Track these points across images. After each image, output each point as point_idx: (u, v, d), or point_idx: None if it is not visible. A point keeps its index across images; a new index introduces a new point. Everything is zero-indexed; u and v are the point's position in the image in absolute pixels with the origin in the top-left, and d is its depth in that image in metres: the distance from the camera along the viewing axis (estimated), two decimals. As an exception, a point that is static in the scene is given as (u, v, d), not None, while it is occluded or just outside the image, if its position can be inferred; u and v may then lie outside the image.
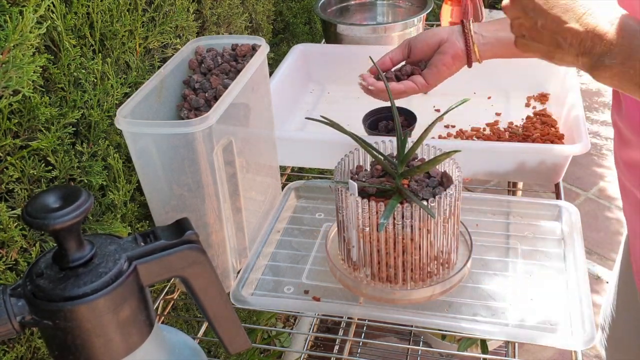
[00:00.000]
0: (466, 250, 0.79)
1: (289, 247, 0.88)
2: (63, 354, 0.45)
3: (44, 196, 0.43)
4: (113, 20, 0.83)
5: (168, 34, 0.95)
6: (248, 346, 0.54)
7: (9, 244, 0.69)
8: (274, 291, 0.80)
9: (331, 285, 0.80)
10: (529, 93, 1.22)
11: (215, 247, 0.77)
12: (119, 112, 0.69)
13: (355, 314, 0.79)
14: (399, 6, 1.54)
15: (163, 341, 0.51)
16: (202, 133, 0.68)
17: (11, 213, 0.67)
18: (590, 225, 0.94)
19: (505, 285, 0.78)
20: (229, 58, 0.83)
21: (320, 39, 1.59)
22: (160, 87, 0.78)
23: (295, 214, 0.95)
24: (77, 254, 0.44)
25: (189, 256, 0.47)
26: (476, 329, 0.72)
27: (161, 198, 0.74)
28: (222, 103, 0.71)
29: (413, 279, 0.74)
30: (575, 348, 0.70)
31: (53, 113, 0.71)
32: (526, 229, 0.87)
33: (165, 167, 0.71)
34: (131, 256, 0.45)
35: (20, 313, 0.43)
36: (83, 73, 0.78)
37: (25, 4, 0.65)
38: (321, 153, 1.03)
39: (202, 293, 0.50)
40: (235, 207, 0.80)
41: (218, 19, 1.18)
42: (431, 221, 0.70)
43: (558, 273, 0.79)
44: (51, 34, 0.73)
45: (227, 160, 0.76)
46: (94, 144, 0.81)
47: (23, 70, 0.64)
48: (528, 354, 1.82)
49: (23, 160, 0.70)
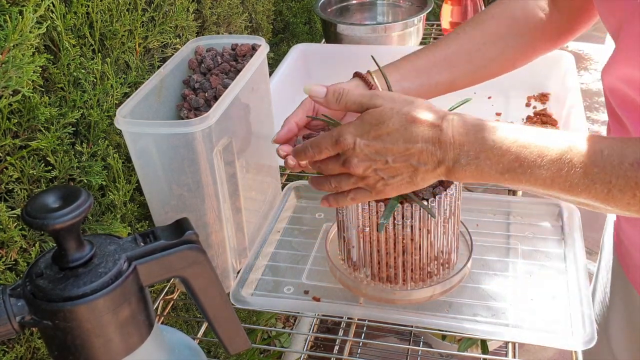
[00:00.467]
0: (466, 251, 0.79)
1: (289, 247, 0.88)
2: (63, 354, 0.45)
3: (43, 196, 0.43)
4: (113, 20, 0.83)
5: (168, 33, 0.95)
6: (248, 346, 0.54)
7: (8, 244, 0.69)
8: (274, 291, 0.80)
9: (331, 285, 0.80)
10: (529, 93, 1.22)
11: (215, 247, 0.77)
12: (118, 112, 0.69)
13: (355, 314, 0.79)
14: (399, 6, 1.54)
15: (163, 341, 0.51)
16: (202, 133, 0.68)
17: (11, 213, 0.67)
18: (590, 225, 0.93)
19: (505, 286, 0.78)
20: (228, 58, 0.83)
21: (320, 38, 1.59)
22: (160, 87, 0.78)
23: (295, 214, 0.95)
24: (77, 254, 0.44)
25: (188, 256, 0.47)
26: (476, 329, 0.72)
27: (161, 198, 0.74)
28: (222, 103, 0.71)
29: (413, 279, 0.74)
30: (575, 348, 0.70)
31: (53, 113, 0.71)
32: (526, 229, 0.87)
33: (165, 167, 0.71)
34: (131, 256, 0.45)
35: (20, 313, 0.43)
36: (83, 73, 0.77)
37: (25, 4, 0.65)
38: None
39: (202, 293, 0.50)
40: (235, 207, 0.80)
41: (218, 18, 1.18)
42: (431, 221, 0.70)
43: (558, 273, 0.79)
44: (51, 33, 0.73)
45: (227, 160, 0.75)
46: (94, 144, 0.81)
47: (23, 70, 0.64)
48: (528, 354, 1.82)
49: (23, 160, 0.70)
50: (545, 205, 0.90)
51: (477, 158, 0.57)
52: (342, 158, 0.62)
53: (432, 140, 0.58)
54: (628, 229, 0.80)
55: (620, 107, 0.70)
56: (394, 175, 0.61)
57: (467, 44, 0.79)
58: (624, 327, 0.87)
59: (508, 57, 0.81)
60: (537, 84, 1.22)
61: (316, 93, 0.65)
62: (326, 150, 0.63)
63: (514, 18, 0.79)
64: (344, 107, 0.64)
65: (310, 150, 0.64)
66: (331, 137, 0.62)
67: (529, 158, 0.56)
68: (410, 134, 0.58)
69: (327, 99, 0.64)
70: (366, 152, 0.60)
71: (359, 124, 0.61)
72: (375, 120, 0.60)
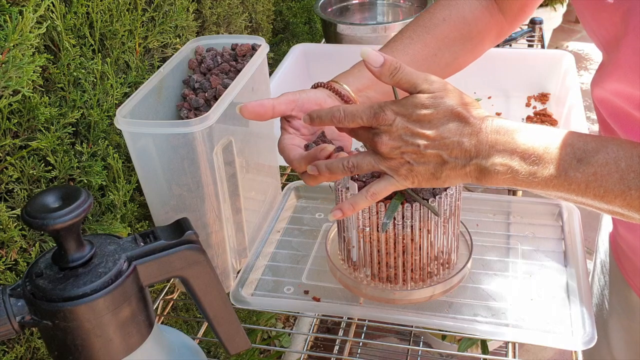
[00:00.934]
0: (466, 251, 0.79)
1: (289, 247, 0.88)
2: (63, 354, 0.45)
3: (43, 196, 0.43)
4: (113, 20, 0.83)
5: (168, 33, 0.95)
6: (248, 346, 0.54)
7: (8, 244, 0.69)
8: (274, 291, 0.80)
9: (331, 285, 0.80)
10: (529, 93, 1.22)
11: (215, 247, 0.77)
12: (118, 112, 0.69)
13: (355, 314, 0.79)
14: (399, 6, 1.54)
15: (163, 341, 0.51)
16: (202, 133, 0.68)
17: (11, 213, 0.67)
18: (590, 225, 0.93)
19: (505, 286, 0.78)
20: (228, 58, 0.83)
21: (320, 38, 1.59)
22: (160, 87, 0.78)
23: (295, 214, 0.95)
24: (77, 254, 0.44)
25: (188, 256, 0.47)
26: (476, 329, 0.72)
27: (161, 198, 0.74)
28: (222, 103, 0.71)
29: (413, 279, 0.74)
30: (575, 348, 0.70)
31: (53, 113, 0.71)
32: (526, 229, 0.87)
33: (165, 167, 0.71)
34: (131, 256, 0.45)
35: (20, 313, 0.43)
36: (83, 73, 0.77)
37: (25, 4, 0.65)
38: (321, 153, 1.02)
39: (202, 293, 0.50)
40: (235, 207, 0.80)
41: (218, 18, 1.18)
42: (431, 221, 0.70)
43: (558, 273, 0.79)
44: (51, 33, 0.73)
45: (227, 160, 0.75)
46: (94, 144, 0.81)
47: (23, 70, 0.64)
48: (528, 354, 1.82)
49: (23, 160, 0.70)
50: (545, 205, 0.90)
51: (511, 160, 0.56)
52: (374, 132, 0.59)
53: (468, 137, 0.56)
54: (625, 233, 0.79)
55: (611, 118, 0.70)
56: (420, 162, 0.58)
57: (423, 51, 0.77)
58: (623, 327, 0.87)
59: (460, 62, 0.81)
60: (537, 84, 1.22)
61: (372, 60, 0.59)
62: (360, 120, 0.59)
63: (464, 21, 0.79)
64: (396, 82, 0.59)
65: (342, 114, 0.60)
66: (371, 108, 0.59)
67: (565, 160, 0.55)
68: (450, 126, 0.57)
69: (381, 70, 0.59)
70: (401, 133, 0.57)
71: (404, 104, 0.58)
72: (421, 104, 0.57)
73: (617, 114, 0.68)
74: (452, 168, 0.58)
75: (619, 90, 0.65)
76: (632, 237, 0.77)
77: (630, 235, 0.78)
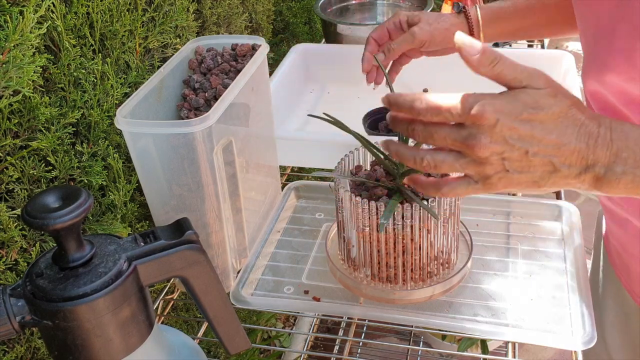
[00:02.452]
0: (466, 250, 0.79)
1: (289, 247, 0.88)
2: (63, 354, 0.45)
3: (43, 196, 0.43)
4: (113, 20, 0.83)
5: (168, 33, 0.95)
6: (248, 346, 0.54)
7: (8, 244, 0.69)
8: (274, 291, 0.80)
9: (331, 285, 0.80)
10: (529, 93, 1.22)
11: (215, 247, 0.77)
12: (118, 112, 0.69)
13: (355, 314, 0.79)
14: (399, 6, 1.54)
15: (163, 341, 0.51)
16: (202, 133, 0.68)
17: (11, 213, 0.67)
18: (590, 225, 0.93)
19: (505, 286, 0.78)
20: (228, 58, 0.83)
21: (320, 39, 1.59)
22: (160, 87, 0.78)
23: (295, 214, 0.95)
24: (77, 254, 0.44)
25: (188, 256, 0.47)
26: (476, 329, 0.72)
27: (161, 198, 0.74)
28: (222, 103, 0.71)
29: (413, 279, 0.74)
30: (575, 348, 0.70)
31: (53, 113, 0.71)
32: (526, 229, 0.87)
33: (165, 167, 0.71)
34: (131, 256, 0.45)
35: (20, 313, 0.43)
36: (83, 73, 0.78)
37: (25, 4, 0.65)
38: (321, 153, 1.02)
39: (202, 293, 0.50)
40: (235, 207, 0.80)
41: (218, 18, 1.18)
42: (431, 221, 0.70)
43: (558, 273, 0.79)
44: (51, 34, 0.73)
45: (227, 160, 0.76)
46: (94, 144, 0.81)
47: (23, 70, 0.64)
48: (528, 354, 1.82)
49: (23, 161, 0.70)
50: (545, 205, 0.90)
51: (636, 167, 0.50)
52: (467, 131, 0.50)
53: (586, 141, 0.50)
54: (615, 230, 0.79)
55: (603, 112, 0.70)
56: (522, 171, 0.51)
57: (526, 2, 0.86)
58: (618, 327, 0.86)
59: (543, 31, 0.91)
60: (537, 84, 1.22)
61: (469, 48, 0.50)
62: (447, 114, 0.50)
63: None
64: (496, 75, 0.51)
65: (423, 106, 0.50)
66: (465, 101, 0.49)
67: None
68: (565, 129, 0.50)
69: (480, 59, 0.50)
70: (505, 135, 0.49)
71: (509, 100, 0.50)
72: (533, 102, 0.50)
73: (607, 108, 0.67)
74: (564, 177, 0.51)
75: (613, 82, 0.64)
76: (623, 233, 0.77)
77: (621, 231, 0.77)
